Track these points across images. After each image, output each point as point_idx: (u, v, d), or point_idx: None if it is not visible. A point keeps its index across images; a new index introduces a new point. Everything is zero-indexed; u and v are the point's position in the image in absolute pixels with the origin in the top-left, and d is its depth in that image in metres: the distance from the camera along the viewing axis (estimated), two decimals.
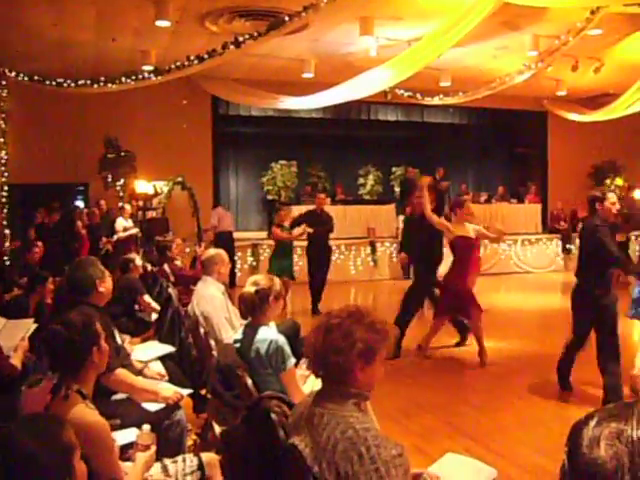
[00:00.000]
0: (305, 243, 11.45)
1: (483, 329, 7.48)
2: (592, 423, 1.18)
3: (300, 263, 12.36)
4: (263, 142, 18.54)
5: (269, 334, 4.00)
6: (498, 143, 20.49)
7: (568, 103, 17.44)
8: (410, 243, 9.12)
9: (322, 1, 8.71)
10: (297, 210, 15.55)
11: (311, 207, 11.71)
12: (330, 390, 2.29)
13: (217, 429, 3.90)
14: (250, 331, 4.04)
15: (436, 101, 15.41)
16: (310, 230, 10.63)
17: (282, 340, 3.93)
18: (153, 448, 2.91)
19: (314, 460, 2.15)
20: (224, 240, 13.76)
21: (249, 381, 3.66)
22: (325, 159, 19.20)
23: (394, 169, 19.28)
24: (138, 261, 7.69)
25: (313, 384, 3.73)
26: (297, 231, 10.72)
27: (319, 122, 17.70)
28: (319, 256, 11.09)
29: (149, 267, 9.68)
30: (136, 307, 7.06)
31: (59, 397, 2.63)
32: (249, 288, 4.11)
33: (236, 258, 14.29)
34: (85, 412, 2.63)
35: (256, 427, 2.64)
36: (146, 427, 2.99)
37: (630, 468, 1.12)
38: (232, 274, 13.62)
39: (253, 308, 4.06)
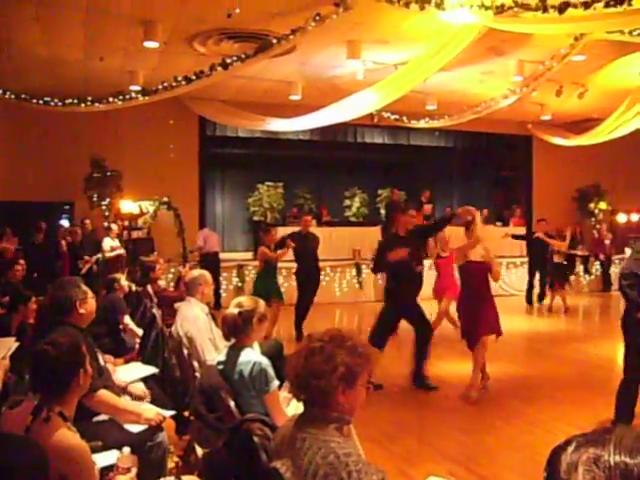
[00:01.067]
0: (291, 264, 11.30)
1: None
2: (570, 448, 1.19)
3: (285, 284, 12.35)
4: (250, 163, 18.56)
5: (252, 356, 3.99)
6: (483, 166, 20.63)
7: (552, 127, 17.61)
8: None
9: (310, 24, 8.78)
10: (283, 231, 15.56)
11: (297, 229, 11.67)
12: (312, 414, 2.28)
13: (199, 451, 3.87)
14: (234, 353, 4.03)
15: (422, 124, 15.50)
16: (292, 245, 10.39)
17: (266, 362, 3.92)
18: (134, 471, 2.88)
19: None
20: (210, 261, 13.75)
21: (232, 403, 3.65)
22: (311, 181, 19.25)
23: (380, 191, 19.33)
24: (123, 281, 7.65)
25: (296, 406, 3.72)
26: (281, 250, 10.50)
27: (306, 144, 17.75)
28: (309, 279, 10.86)
29: (133, 287, 9.63)
30: (121, 327, 7.02)
31: (40, 419, 2.60)
32: (232, 309, 4.11)
33: (221, 279, 14.25)
34: (66, 435, 2.60)
35: (238, 450, 2.63)
36: (126, 450, 2.97)
37: None
38: (217, 295, 13.60)
39: (236, 330, 4.06)
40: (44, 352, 2.77)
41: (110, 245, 12.77)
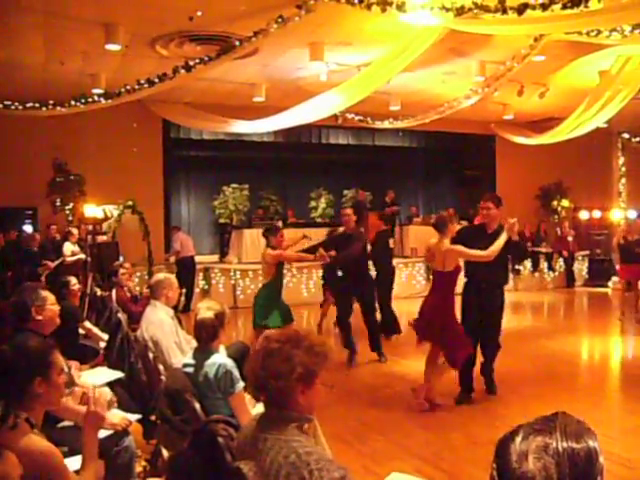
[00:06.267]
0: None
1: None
2: (518, 438, 1.23)
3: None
4: (215, 166, 18.53)
5: (218, 358, 4.00)
6: (447, 166, 20.84)
7: (515, 127, 17.83)
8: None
9: (272, 26, 8.80)
10: (249, 233, 15.55)
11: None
12: (272, 414, 2.32)
13: (166, 454, 3.87)
14: (200, 355, 4.03)
15: (386, 125, 15.60)
16: (333, 254, 8.25)
17: (230, 364, 3.93)
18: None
19: None
20: (186, 265, 13.70)
21: (197, 405, 3.65)
22: (277, 182, 19.27)
23: (345, 192, 19.42)
24: (74, 285, 7.37)
25: (262, 407, 3.73)
26: (319, 253, 8.35)
27: (270, 146, 17.78)
28: (355, 287, 8.76)
29: (99, 292, 9.56)
30: (81, 332, 6.93)
31: (6, 427, 2.55)
32: (207, 313, 4.08)
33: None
34: (33, 440, 2.57)
35: (202, 451, 2.63)
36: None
37: (559, 479, 1.17)
38: (189, 298, 13.56)
39: (215, 333, 4.06)
40: (2, 353, 2.72)
41: (71, 250, 12.59)
